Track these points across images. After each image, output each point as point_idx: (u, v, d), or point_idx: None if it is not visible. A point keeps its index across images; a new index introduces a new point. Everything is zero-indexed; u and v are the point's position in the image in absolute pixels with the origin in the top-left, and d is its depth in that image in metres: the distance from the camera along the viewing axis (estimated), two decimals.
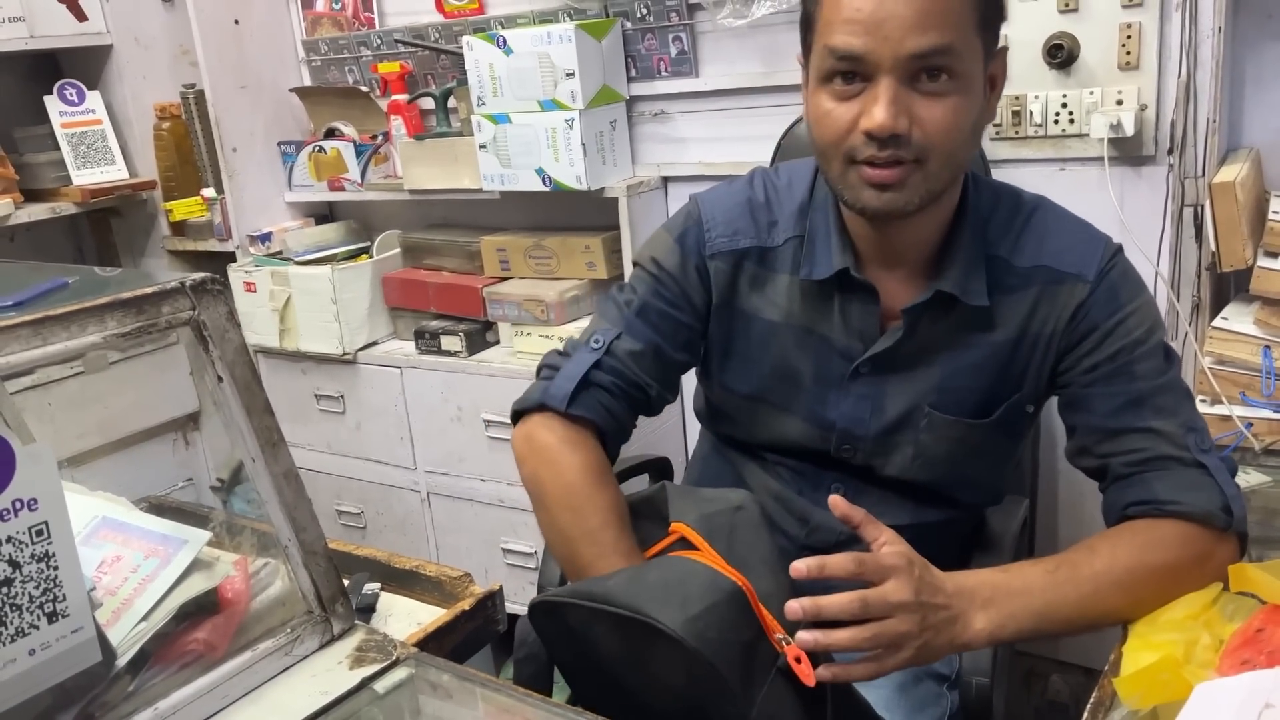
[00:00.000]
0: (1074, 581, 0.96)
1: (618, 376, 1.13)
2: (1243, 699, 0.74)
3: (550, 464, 1.11)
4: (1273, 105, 1.51)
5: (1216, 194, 1.35)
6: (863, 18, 0.93)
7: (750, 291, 1.14)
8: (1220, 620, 0.93)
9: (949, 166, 0.99)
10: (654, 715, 0.94)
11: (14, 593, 0.84)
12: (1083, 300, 1.05)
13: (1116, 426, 1.03)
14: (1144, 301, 1.06)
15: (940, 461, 1.12)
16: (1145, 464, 1.01)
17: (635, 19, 2.01)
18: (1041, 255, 1.06)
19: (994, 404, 1.10)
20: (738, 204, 1.15)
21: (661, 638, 0.86)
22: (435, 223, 2.45)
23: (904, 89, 0.94)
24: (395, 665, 1.03)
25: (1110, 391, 1.04)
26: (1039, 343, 1.07)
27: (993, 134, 1.70)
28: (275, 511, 1.05)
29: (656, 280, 1.16)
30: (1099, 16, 1.58)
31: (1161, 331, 1.07)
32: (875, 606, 0.88)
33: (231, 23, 2.36)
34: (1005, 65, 1.04)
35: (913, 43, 0.92)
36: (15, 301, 0.90)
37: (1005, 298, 1.07)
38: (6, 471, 0.82)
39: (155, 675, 0.97)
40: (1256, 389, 1.32)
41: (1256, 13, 1.50)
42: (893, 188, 0.97)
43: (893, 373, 1.10)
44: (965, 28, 0.95)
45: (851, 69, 0.95)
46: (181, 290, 0.95)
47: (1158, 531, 0.98)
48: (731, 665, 0.87)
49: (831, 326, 1.11)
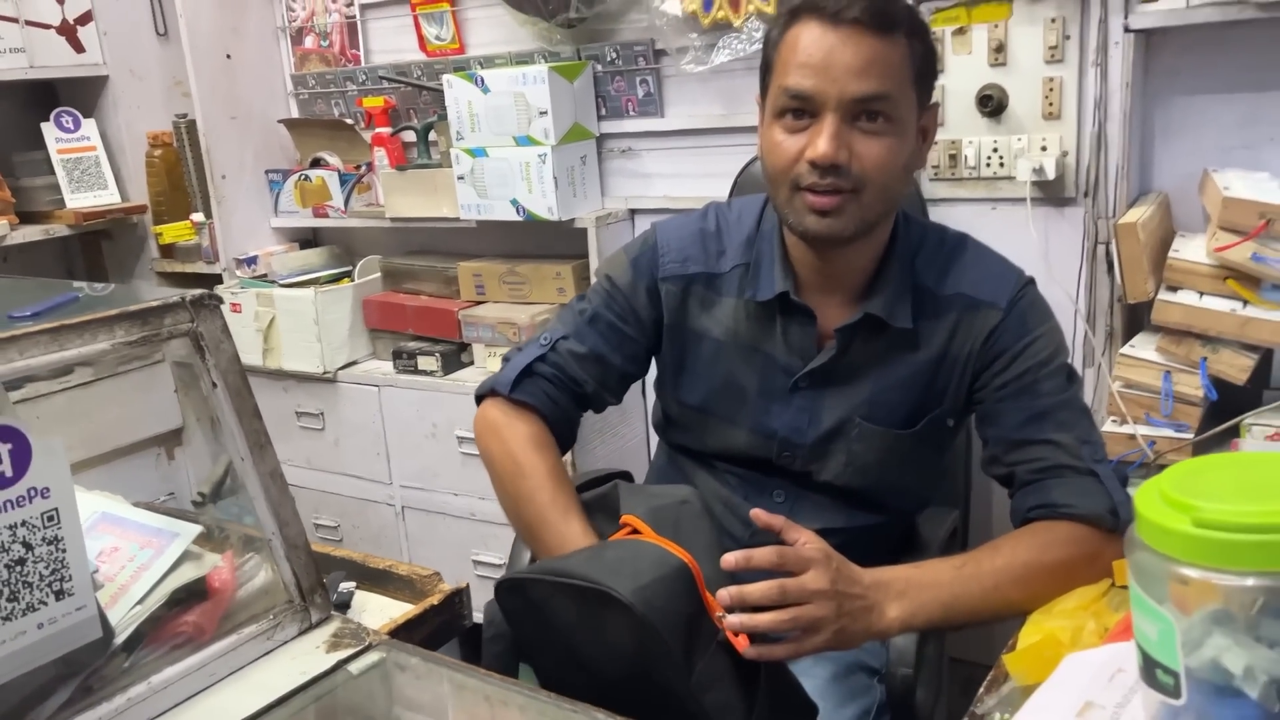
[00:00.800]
0: (978, 576, 1.08)
1: (558, 370, 1.27)
2: (1100, 665, 0.86)
3: (496, 436, 1.25)
4: (1179, 154, 1.66)
5: (1121, 233, 1.49)
6: (814, 63, 1.08)
7: (700, 313, 1.26)
8: (1107, 610, 1.05)
9: (882, 199, 1.12)
10: (606, 682, 1.03)
11: (26, 571, 0.94)
12: (995, 326, 1.18)
13: (1021, 438, 1.15)
14: (1050, 328, 1.20)
15: (870, 469, 1.24)
16: (1045, 472, 1.13)
17: (605, 62, 2.15)
18: (961, 285, 1.20)
19: (918, 417, 1.22)
20: (691, 234, 1.28)
21: (614, 605, 0.97)
22: (414, 249, 2.56)
23: (846, 126, 1.08)
24: (368, 650, 1.13)
25: (1017, 407, 1.16)
26: (958, 363, 1.20)
27: (931, 175, 1.84)
28: (261, 507, 1.15)
29: (609, 295, 1.29)
30: (1025, 70, 1.73)
31: (1065, 355, 1.20)
32: (793, 593, 0.99)
33: (224, 57, 2.49)
34: (936, 120, 1.19)
35: (855, 87, 1.07)
36: (33, 312, 1.02)
37: (928, 322, 1.20)
38: (23, 462, 0.93)
39: (149, 654, 1.07)
40: (1158, 410, 1.45)
41: (1165, 70, 1.65)
42: (831, 214, 1.10)
43: (828, 387, 1.23)
44: (902, 79, 1.10)
45: (801, 106, 1.10)
46: (182, 304, 1.06)
47: (1053, 532, 1.10)
48: (675, 633, 0.98)
49: (774, 345, 1.23)
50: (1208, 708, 0.68)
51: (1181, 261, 1.45)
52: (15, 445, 0.92)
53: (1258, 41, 1.56)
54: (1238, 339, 1.40)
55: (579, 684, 1.03)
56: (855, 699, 1.26)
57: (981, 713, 0.93)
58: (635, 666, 1.00)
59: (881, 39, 1.08)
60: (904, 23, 1.10)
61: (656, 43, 2.08)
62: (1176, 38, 1.61)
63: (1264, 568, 0.65)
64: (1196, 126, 1.66)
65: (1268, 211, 1.35)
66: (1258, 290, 1.40)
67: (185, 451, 2.83)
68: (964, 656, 1.99)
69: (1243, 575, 0.65)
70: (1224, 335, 1.41)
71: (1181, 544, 0.67)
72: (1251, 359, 1.41)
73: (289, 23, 2.60)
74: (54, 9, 2.48)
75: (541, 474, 1.21)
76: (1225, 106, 1.62)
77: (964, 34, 1.76)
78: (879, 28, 1.08)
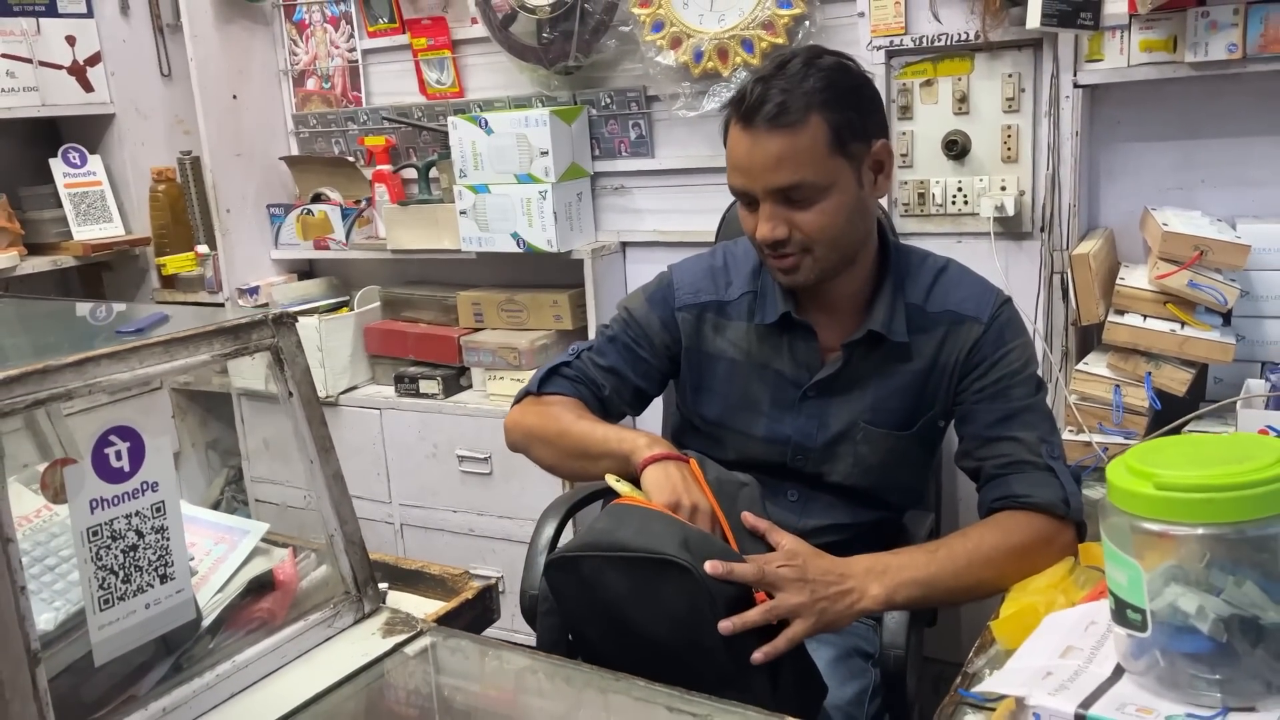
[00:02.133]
0: (950, 558, 1.23)
1: (580, 373, 1.45)
2: (1076, 619, 1.02)
3: (532, 412, 1.43)
4: (1121, 194, 1.86)
5: (1075, 264, 1.67)
6: (740, 165, 1.28)
7: (714, 336, 1.43)
8: (1074, 588, 1.20)
9: (834, 249, 1.30)
10: (653, 651, 1.16)
11: (138, 557, 1.05)
12: (978, 338, 1.35)
13: (990, 435, 1.32)
14: (1024, 342, 1.38)
15: (874, 469, 1.40)
16: (1008, 467, 1.30)
17: (600, 107, 2.32)
18: (948, 302, 1.36)
19: (914, 420, 1.39)
20: (702, 270, 1.47)
21: (670, 571, 1.10)
22: (411, 279, 2.69)
23: (780, 207, 1.26)
24: (420, 635, 1.25)
25: (990, 409, 1.33)
26: (946, 370, 1.36)
27: (902, 211, 2.03)
28: (325, 505, 1.27)
29: (626, 323, 1.47)
30: (985, 118, 1.93)
31: (1035, 366, 1.38)
32: (769, 576, 1.15)
33: (230, 97, 2.61)
34: (889, 150, 1.33)
35: (772, 180, 1.25)
36: (136, 328, 1.14)
37: (920, 336, 1.36)
38: (138, 458, 1.04)
39: (229, 636, 1.18)
40: (1110, 419, 1.63)
41: (1108, 120, 1.85)
42: (791, 271, 1.31)
43: (834, 396, 1.39)
44: (817, 159, 1.24)
45: (745, 197, 1.30)
46: (265, 322, 1.19)
47: (1014, 520, 1.26)
48: (723, 598, 1.12)
49: (783, 362, 1.40)
50: (1168, 641, 0.84)
51: (1128, 288, 1.63)
52: (132, 444, 1.04)
53: (1190, 96, 1.77)
54: (1177, 356, 1.59)
55: (624, 654, 1.16)
56: (854, 679, 1.40)
57: (972, 671, 1.09)
58: (686, 632, 1.13)
59: (788, 133, 1.23)
60: (812, 107, 1.23)
61: (649, 89, 2.25)
62: (1118, 92, 1.82)
63: (1210, 520, 0.81)
64: (1136, 170, 1.86)
65: (1202, 244, 1.54)
66: (1193, 313, 1.59)
67: (181, 475, 2.90)
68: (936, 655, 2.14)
69: (1193, 526, 0.82)
70: (1165, 353, 1.59)
71: (1145, 503, 0.83)
72: (1189, 373, 1.59)
73: (292, 66, 2.73)
74: (65, 50, 2.59)
75: (580, 415, 1.38)
76: (1161, 153, 1.83)
77: (931, 86, 1.95)
78: (784, 126, 1.23)
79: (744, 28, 2.06)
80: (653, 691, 1.10)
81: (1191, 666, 0.83)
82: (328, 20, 2.63)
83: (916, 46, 1.93)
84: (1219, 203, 1.79)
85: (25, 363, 0.96)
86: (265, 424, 2.62)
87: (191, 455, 2.92)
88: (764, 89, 1.24)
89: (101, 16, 2.66)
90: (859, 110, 1.28)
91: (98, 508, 1.01)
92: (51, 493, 0.97)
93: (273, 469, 2.63)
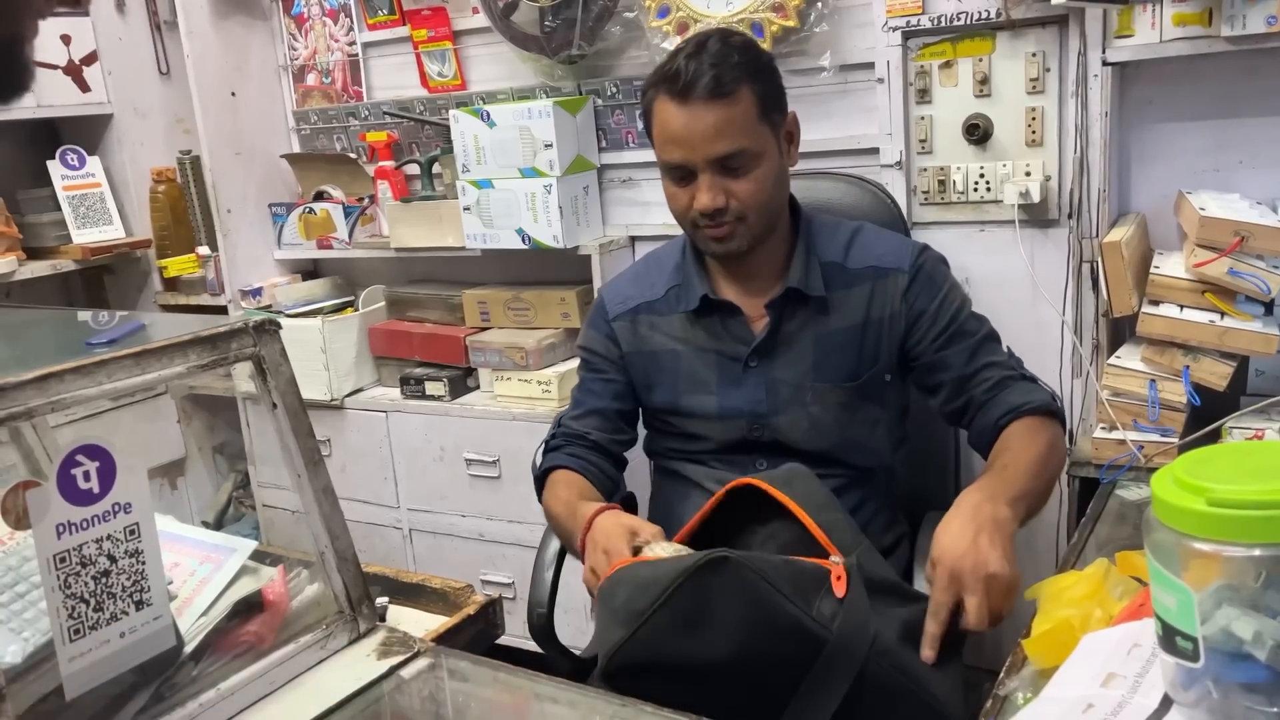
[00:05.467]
0: (1018, 472, 1.28)
1: (564, 438, 1.53)
2: (1118, 641, 0.94)
3: (545, 503, 1.52)
4: (1153, 178, 1.77)
5: (1106, 252, 1.59)
6: (677, 138, 1.34)
7: (651, 334, 1.50)
8: (1110, 599, 1.13)
9: (764, 215, 1.38)
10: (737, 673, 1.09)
11: (111, 583, 0.99)
12: (905, 288, 1.43)
13: (969, 371, 1.41)
14: (953, 283, 1.47)
15: (830, 428, 1.44)
16: (997, 386, 1.39)
17: (605, 97, 2.25)
18: (868, 258, 1.45)
19: (860, 373, 1.44)
20: (627, 279, 1.57)
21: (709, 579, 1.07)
22: (416, 278, 2.63)
23: (717, 177, 1.34)
24: (417, 656, 1.19)
25: (958, 349, 1.42)
26: (883, 324, 1.43)
27: (921, 200, 1.94)
28: (314, 521, 1.21)
29: (585, 360, 1.57)
30: (1008, 101, 1.84)
31: (970, 302, 1.47)
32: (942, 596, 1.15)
33: (229, 95, 2.55)
34: (797, 122, 1.42)
35: (713, 149, 1.32)
36: (110, 339, 1.08)
37: (843, 291, 1.43)
38: (109, 478, 0.98)
39: (214, 662, 1.12)
40: (1145, 416, 1.55)
41: (1139, 99, 1.76)
42: (726, 239, 1.38)
43: (775, 360, 1.44)
44: (751, 126, 1.33)
45: (680, 171, 1.36)
46: (245, 330, 1.13)
47: (1027, 424, 1.36)
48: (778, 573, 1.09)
49: (719, 340, 1.46)
50: (1222, 670, 0.77)
51: (1163, 277, 1.54)
52: (102, 463, 0.98)
53: (1226, 73, 1.67)
54: (1217, 348, 1.50)
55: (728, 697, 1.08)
56: None
57: (1004, 694, 1.01)
58: (756, 631, 1.07)
59: (725, 104, 1.31)
60: (741, 77, 1.31)
61: None
62: (1150, 70, 1.72)
63: (1268, 540, 0.73)
64: (1169, 152, 1.77)
65: (1242, 229, 1.45)
66: (1233, 303, 1.50)
67: (187, 481, 2.87)
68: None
69: (1250, 547, 0.74)
70: (1204, 345, 1.50)
71: (1196, 521, 0.75)
72: (1230, 366, 1.51)
73: (291, 61, 2.67)
74: (60, 50, 2.54)
75: (558, 496, 1.47)
76: (1196, 133, 1.73)
77: (950, 67, 1.87)
78: (720, 96, 1.30)
79: (753, 11, 1.98)
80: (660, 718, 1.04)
81: (1247, 698, 0.76)
82: (326, 13, 2.57)
83: (935, 26, 1.84)
84: (1258, 185, 1.69)
85: None
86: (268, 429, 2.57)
87: (198, 460, 2.88)
88: (696, 65, 1.30)
89: (97, 15, 2.61)
90: (774, 83, 1.38)
91: (64, 532, 0.95)
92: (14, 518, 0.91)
93: (278, 475, 2.58)
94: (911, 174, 1.94)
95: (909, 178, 1.94)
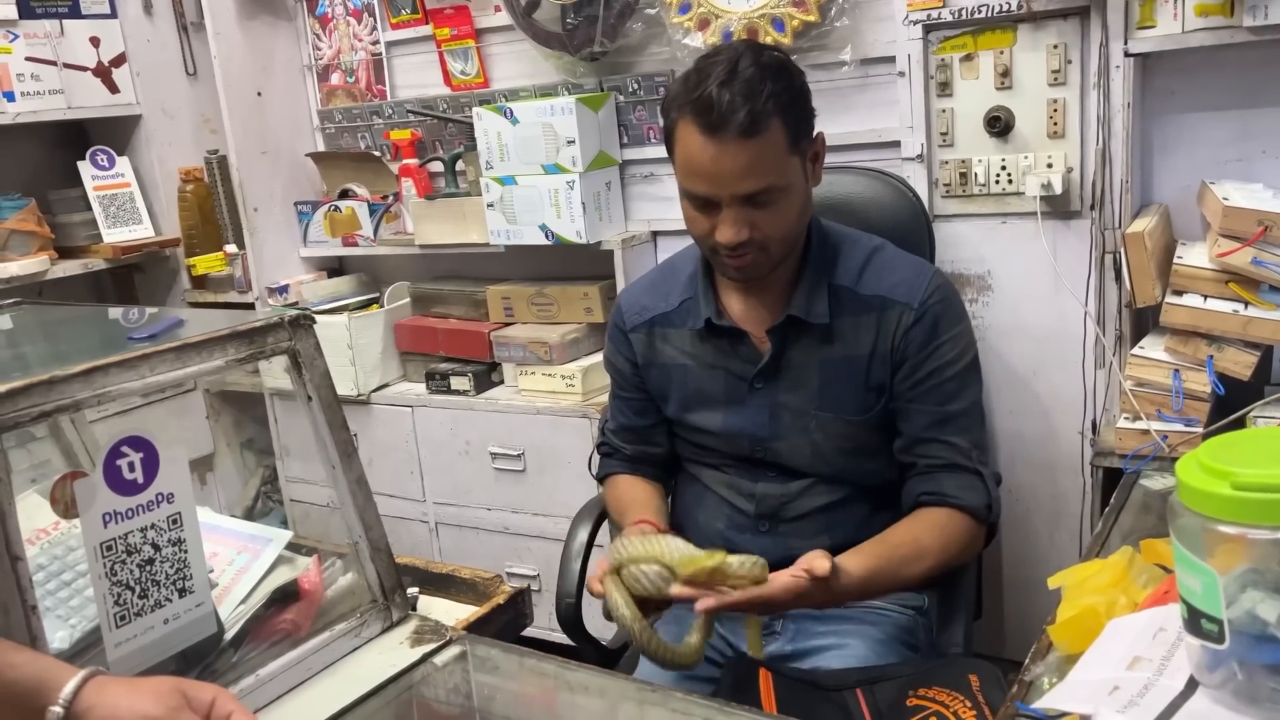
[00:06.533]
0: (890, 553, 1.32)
1: (611, 446, 1.59)
2: (1143, 626, 0.95)
3: (607, 503, 1.61)
4: (1176, 169, 1.77)
5: (1129, 243, 1.59)
6: (704, 172, 1.27)
7: (664, 347, 1.49)
8: (1135, 587, 1.14)
9: (786, 243, 1.34)
10: None
11: (155, 570, 1.02)
12: (909, 326, 1.36)
13: (926, 437, 1.37)
14: (960, 331, 1.39)
15: (833, 456, 1.41)
16: (940, 467, 1.36)
17: (627, 93, 2.26)
18: (879, 287, 1.38)
19: (868, 406, 1.40)
20: (644, 286, 1.55)
21: None
22: (440, 275, 2.65)
23: (742, 210, 1.28)
24: (449, 644, 1.21)
25: (924, 409, 1.37)
26: (886, 357, 1.38)
27: (943, 193, 1.95)
28: (349, 512, 1.24)
29: (613, 377, 1.58)
30: (1030, 92, 1.84)
31: (970, 353, 1.40)
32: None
33: (255, 95, 2.59)
34: (824, 141, 1.36)
35: (742, 187, 1.26)
36: (150, 334, 1.10)
37: (850, 319, 1.38)
38: (152, 469, 1.01)
39: (253, 649, 1.15)
40: (1169, 406, 1.55)
41: (1161, 91, 1.76)
42: (745, 269, 1.33)
43: (779, 384, 1.41)
44: (780, 161, 1.27)
45: (703, 200, 1.29)
46: (281, 324, 1.15)
47: (940, 515, 1.35)
48: None
49: (727, 358, 1.43)
50: (1247, 652, 0.78)
51: (1186, 267, 1.55)
52: (145, 454, 1.00)
53: (1248, 62, 1.67)
54: (1241, 338, 1.50)
55: None
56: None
57: (1029, 679, 1.03)
58: None
59: (756, 141, 1.23)
60: (774, 111, 1.24)
61: (677, 73, 2.18)
62: (1172, 60, 1.72)
63: None
64: (1192, 142, 1.76)
65: (1266, 219, 1.45)
66: (1257, 292, 1.50)
67: (216, 476, 2.90)
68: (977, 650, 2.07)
69: (1274, 530, 0.75)
70: (1228, 335, 1.50)
71: (1221, 505, 0.76)
72: (1254, 355, 1.51)
73: (315, 61, 2.70)
74: (90, 52, 2.58)
75: (612, 500, 1.58)
76: (1219, 123, 1.73)
77: (971, 60, 1.87)
78: (753, 134, 1.23)
79: (774, 6, 1.99)
80: (689, 704, 1.06)
81: (1272, 679, 0.77)
82: (350, 13, 2.60)
83: (955, 19, 1.85)
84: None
85: (32, 373, 0.93)
86: (297, 424, 2.60)
87: (226, 455, 2.91)
88: (729, 96, 1.22)
89: (125, 16, 2.64)
90: (804, 109, 1.31)
91: (111, 521, 0.98)
92: (62, 507, 0.94)
93: (306, 469, 2.62)
94: (933, 167, 1.95)
95: (930, 171, 1.94)
